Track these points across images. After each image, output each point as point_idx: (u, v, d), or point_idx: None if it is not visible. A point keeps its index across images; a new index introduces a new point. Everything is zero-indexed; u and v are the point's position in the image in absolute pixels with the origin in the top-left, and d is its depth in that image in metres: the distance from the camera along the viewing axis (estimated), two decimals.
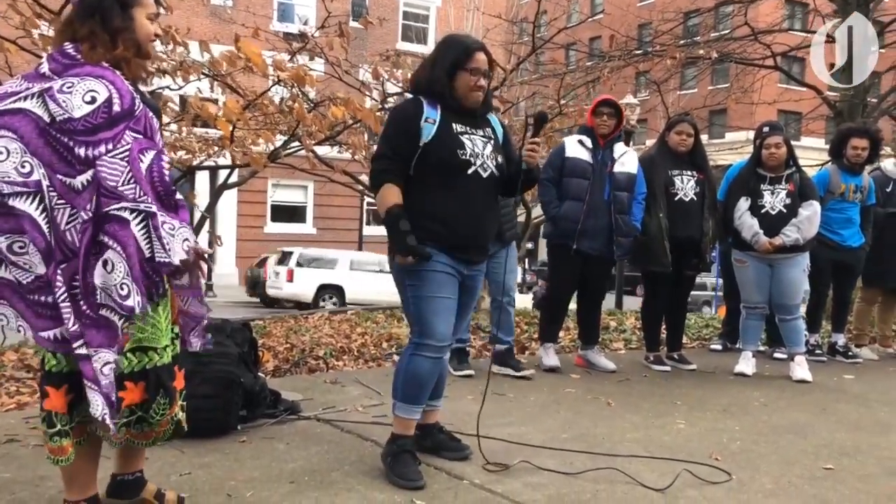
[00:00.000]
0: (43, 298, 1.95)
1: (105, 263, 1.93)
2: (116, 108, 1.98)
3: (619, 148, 4.88)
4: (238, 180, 11.47)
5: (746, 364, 5.02)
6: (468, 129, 2.82)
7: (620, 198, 4.77)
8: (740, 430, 3.56)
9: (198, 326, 2.25)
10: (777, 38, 10.81)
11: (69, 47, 2.04)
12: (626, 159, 4.85)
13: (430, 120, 2.77)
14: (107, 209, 1.93)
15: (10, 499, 2.45)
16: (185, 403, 2.25)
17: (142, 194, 1.96)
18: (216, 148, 6.99)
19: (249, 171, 6.06)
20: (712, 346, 6.14)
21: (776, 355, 5.58)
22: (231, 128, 4.48)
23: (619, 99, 14.22)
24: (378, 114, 5.38)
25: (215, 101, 4.97)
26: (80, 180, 1.94)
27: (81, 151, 1.93)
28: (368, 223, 23.27)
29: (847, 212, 5.49)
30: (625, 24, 12.59)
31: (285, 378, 4.68)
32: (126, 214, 1.94)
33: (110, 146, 1.96)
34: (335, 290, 17.14)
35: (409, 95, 3.04)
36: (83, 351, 1.93)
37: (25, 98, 1.96)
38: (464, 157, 2.77)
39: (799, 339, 4.99)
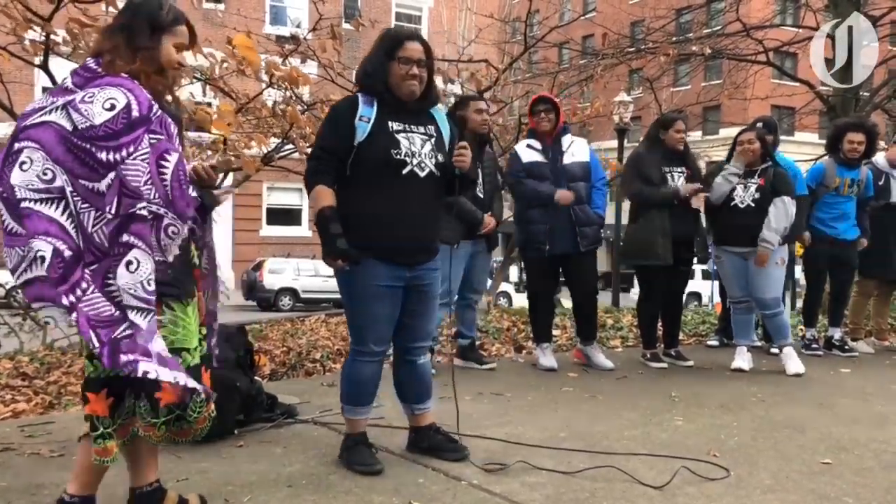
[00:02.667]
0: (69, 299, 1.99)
1: (129, 264, 2.01)
2: (135, 113, 2.06)
3: (566, 140, 4.91)
4: (232, 184, 11.45)
5: (742, 359, 5.04)
6: (406, 126, 2.77)
7: (576, 188, 4.79)
8: (738, 426, 3.56)
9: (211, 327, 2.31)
10: (769, 33, 10.83)
11: (91, 62, 2.15)
12: (575, 149, 4.89)
13: (365, 118, 2.73)
14: (131, 209, 2.02)
15: None
16: None
17: (156, 196, 2.05)
18: (209, 152, 6.97)
19: (243, 174, 6.04)
20: (709, 343, 6.15)
21: (773, 350, 5.57)
22: (227, 127, 4.47)
23: (613, 97, 14.29)
24: None
25: (209, 105, 4.96)
26: (103, 185, 2.01)
27: (104, 156, 2.01)
28: None
29: (842, 206, 5.50)
30: (617, 21, 12.61)
31: (282, 381, 4.68)
32: (145, 213, 2.04)
33: (131, 149, 2.04)
34: None
35: None
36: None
37: (50, 111, 2.06)
38: (398, 156, 2.72)
39: (784, 332, 5.03)
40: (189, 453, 2.92)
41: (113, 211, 2.01)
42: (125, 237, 2.01)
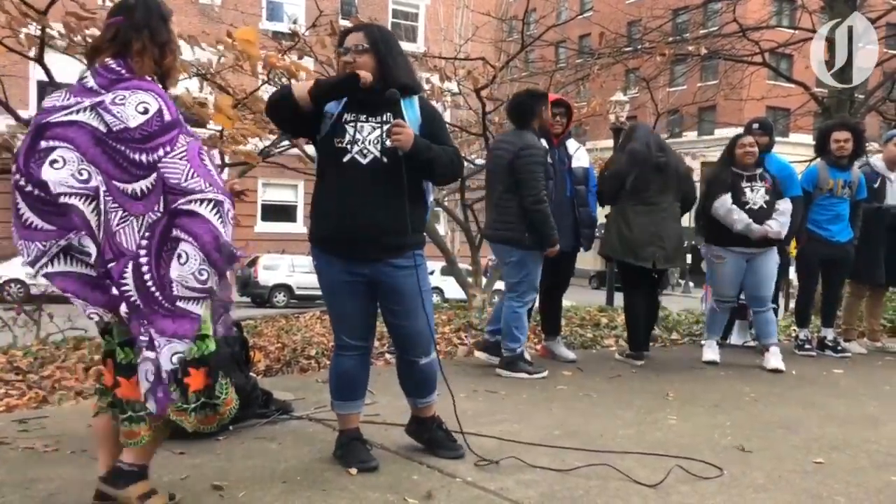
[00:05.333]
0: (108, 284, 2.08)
1: (179, 257, 2.10)
2: (167, 117, 2.14)
3: (571, 144, 5.13)
4: (227, 178, 11.44)
5: (712, 351, 5.24)
6: (359, 116, 2.74)
7: (581, 192, 5.02)
8: (731, 426, 3.57)
9: (225, 313, 2.34)
10: (765, 34, 10.85)
11: (112, 63, 2.18)
12: (580, 154, 5.11)
13: (329, 115, 2.76)
14: (175, 205, 2.11)
15: (0, 501, 2.43)
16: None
17: (207, 185, 2.15)
18: (206, 147, 6.96)
19: (238, 170, 6.04)
20: (703, 342, 6.15)
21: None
22: (228, 121, 4.47)
23: (609, 96, 14.31)
24: None
25: (205, 101, 4.95)
26: (140, 186, 2.10)
27: (142, 157, 2.09)
28: None
29: (836, 207, 5.53)
30: (614, 21, 12.61)
31: (277, 378, 4.68)
32: (196, 207, 2.12)
33: (168, 149, 2.12)
34: None
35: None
36: (142, 337, 2.09)
37: (78, 111, 2.10)
38: (340, 144, 2.71)
39: (771, 331, 5.18)
40: (183, 449, 2.92)
41: (161, 209, 2.11)
42: (174, 232, 2.11)
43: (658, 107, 9.81)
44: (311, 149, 7.02)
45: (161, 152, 2.10)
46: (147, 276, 2.09)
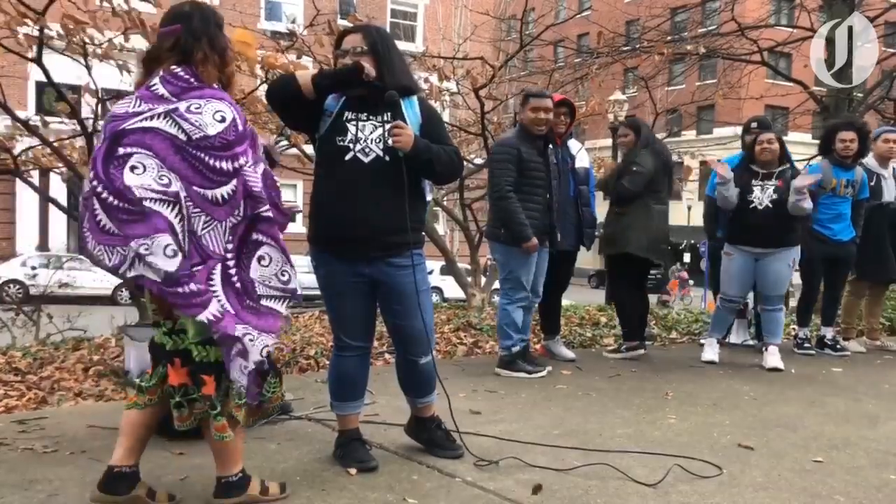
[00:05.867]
0: (185, 289, 2.13)
1: (260, 259, 2.23)
2: (240, 127, 2.23)
3: (573, 145, 5.15)
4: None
5: (712, 351, 5.22)
6: (361, 115, 2.75)
7: (584, 192, 5.05)
8: (731, 424, 3.57)
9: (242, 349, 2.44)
10: (764, 33, 10.86)
11: (179, 70, 2.24)
12: (582, 155, 5.13)
13: (328, 113, 2.77)
14: (256, 211, 2.22)
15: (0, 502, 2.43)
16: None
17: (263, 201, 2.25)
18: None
19: None
20: (702, 341, 6.16)
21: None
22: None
23: (608, 95, 14.30)
24: None
25: None
26: (221, 191, 2.17)
27: (223, 164, 2.18)
28: None
29: (838, 207, 5.52)
30: (612, 20, 12.61)
31: None
32: (269, 214, 2.24)
33: (245, 158, 2.22)
34: None
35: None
36: (225, 332, 2.17)
37: (151, 118, 2.17)
38: (342, 142, 2.72)
39: (777, 331, 5.19)
40: (183, 449, 2.92)
41: (242, 213, 2.20)
42: (255, 236, 2.22)
43: (657, 106, 9.82)
44: (309, 149, 7.05)
45: (242, 160, 2.20)
46: (235, 278, 2.21)
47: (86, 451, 2.94)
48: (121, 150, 2.13)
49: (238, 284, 2.21)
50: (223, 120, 2.19)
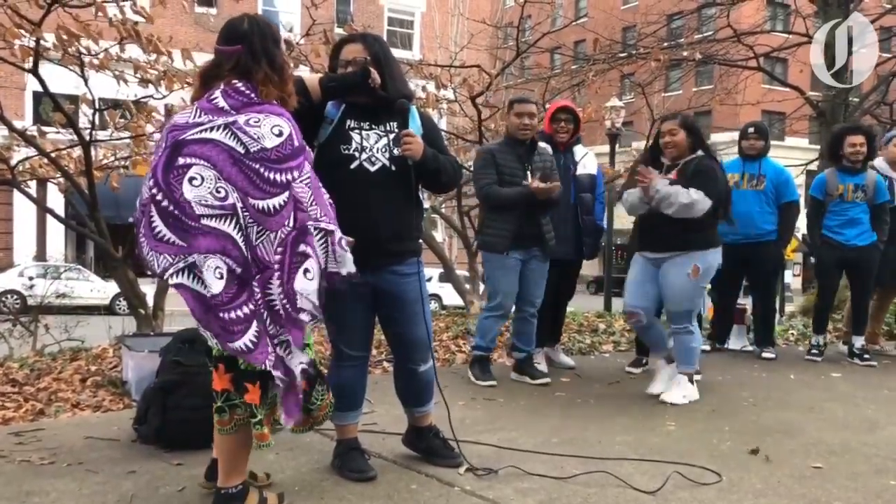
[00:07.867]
0: (232, 315, 2.15)
1: (306, 272, 2.24)
2: (296, 143, 2.28)
3: (579, 150, 4.99)
4: None
5: (658, 382, 4.38)
6: (365, 124, 2.76)
7: (585, 199, 4.89)
8: (730, 431, 3.57)
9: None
10: (759, 39, 10.91)
11: (240, 85, 2.27)
12: (587, 161, 4.97)
13: (328, 120, 2.77)
14: (305, 224, 2.26)
15: None
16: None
17: (322, 214, 2.30)
18: None
19: None
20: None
21: (764, 355, 5.60)
22: None
23: (605, 102, 14.33)
24: None
25: None
26: (273, 202, 2.20)
27: (277, 177, 2.21)
28: None
29: (849, 212, 5.47)
30: (609, 27, 12.68)
31: None
32: (312, 231, 2.27)
33: (297, 172, 2.26)
34: None
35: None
36: (274, 370, 2.22)
37: (211, 129, 2.21)
38: (347, 151, 2.72)
39: (687, 358, 4.23)
40: (181, 460, 2.91)
41: (291, 223, 2.22)
42: (302, 247, 2.24)
43: (654, 112, 9.83)
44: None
45: (295, 174, 2.24)
46: (280, 290, 2.22)
47: (83, 463, 2.93)
48: (180, 161, 2.17)
49: (283, 296, 2.22)
50: (280, 134, 2.23)
